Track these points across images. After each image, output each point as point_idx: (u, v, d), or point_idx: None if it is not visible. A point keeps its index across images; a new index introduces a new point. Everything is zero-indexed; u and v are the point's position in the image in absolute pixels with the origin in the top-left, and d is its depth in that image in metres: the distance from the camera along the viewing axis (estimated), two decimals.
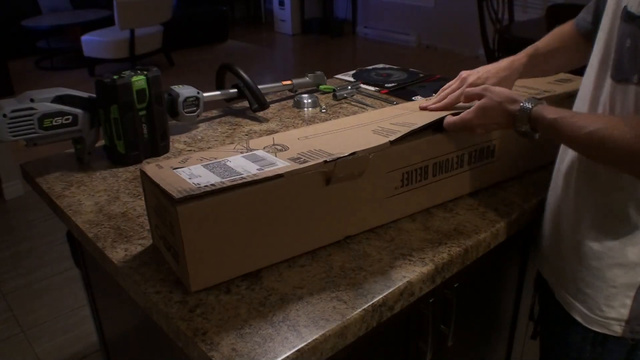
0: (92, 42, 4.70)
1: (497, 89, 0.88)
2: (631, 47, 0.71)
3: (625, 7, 0.73)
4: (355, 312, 0.74)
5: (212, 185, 0.74)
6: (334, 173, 0.81)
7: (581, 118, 0.76)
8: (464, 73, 1.05)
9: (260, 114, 1.42)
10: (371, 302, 0.76)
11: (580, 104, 0.85)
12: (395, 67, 1.80)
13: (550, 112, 0.79)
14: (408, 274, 0.81)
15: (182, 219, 0.71)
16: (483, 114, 0.87)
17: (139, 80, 1.11)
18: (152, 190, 0.79)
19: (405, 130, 0.89)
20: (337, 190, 0.83)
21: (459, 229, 0.92)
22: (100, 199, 1.03)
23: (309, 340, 0.69)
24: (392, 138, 0.87)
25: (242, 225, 0.76)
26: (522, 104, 0.82)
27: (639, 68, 0.70)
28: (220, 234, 0.75)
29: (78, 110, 1.12)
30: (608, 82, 0.76)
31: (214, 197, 0.73)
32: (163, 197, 0.74)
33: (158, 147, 1.19)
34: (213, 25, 6.08)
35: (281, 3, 6.51)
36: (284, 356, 0.67)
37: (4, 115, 1.04)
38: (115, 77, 1.10)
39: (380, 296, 0.77)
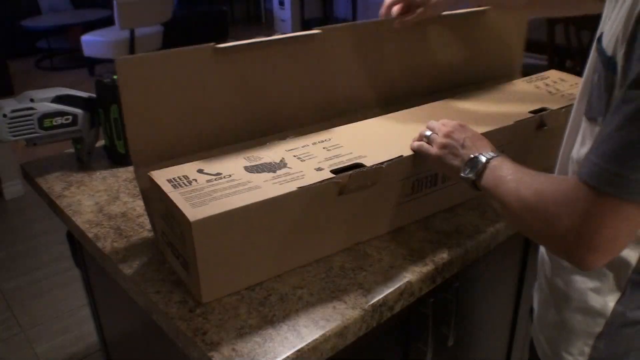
0: (92, 42, 4.69)
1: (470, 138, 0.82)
2: (598, 84, 0.62)
3: (601, 35, 0.63)
4: (355, 312, 0.74)
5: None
6: (347, 185, 0.81)
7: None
8: None
9: None
10: (371, 302, 0.76)
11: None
12: None
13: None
14: (408, 274, 0.81)
15: (196, 234, 0.70)
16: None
17: None
18: (161, 195, 0.78)
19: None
20: (349, 200, 0.83)
21: (459, 229, 0.92)
22: (100, 199, 1.03)
23: (309, 341, 0.69)
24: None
25: (254, 238, 0.76)
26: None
27: (602, 109, 0.61)
28: (233, 246, 0.75)
29: (78, 110, 1.12)
30: (583, 118, 0.67)
31: (228, 212, 0.72)
32: (174, 208, 0.74)
33: None
34: (213, 25, 6.08)
35: (281, 3, 6.51)
36: (284, 356, 0.67)
37: (4, 115, 1.04)
38: (115, 77, 1.10)
39: (381, 296, 0.77)
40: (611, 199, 0.55)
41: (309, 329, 0.71)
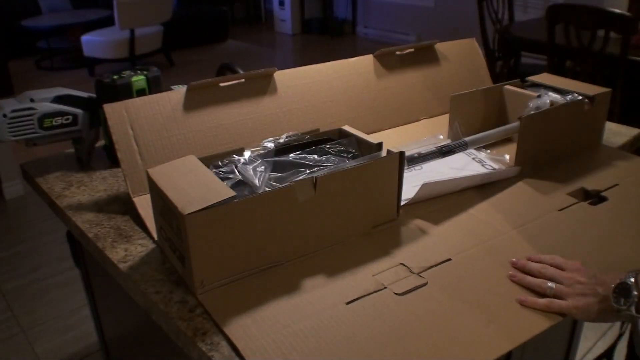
0: (92, 42, 4.70)
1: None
2: None
3: None
4: None
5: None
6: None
7: None
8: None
9: None
10: None
11: None
12: None
13: None
14: None
15: (190, 228, 0.71)
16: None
17: (139, 80, 1.11)
18: (159, 192, 0.78)
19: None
20: (340, 194, 0.83)
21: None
22: (100, 199, 1.03)
23: None
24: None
25: (249, 230, 0.76)
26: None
27: None
28: (227, 239, 0.75)
29: (78, 110, 1.12)
30: None
31: (222, 206, 0.72)
32: (170, 203, 0.74)
33: None
34: (213, 25, 6.08)
35: (281, 3, 6.52)
36: None
37: (4, 115, 1.04)
38: (115, 77, 1.10)
39: None
40: None
41: None
